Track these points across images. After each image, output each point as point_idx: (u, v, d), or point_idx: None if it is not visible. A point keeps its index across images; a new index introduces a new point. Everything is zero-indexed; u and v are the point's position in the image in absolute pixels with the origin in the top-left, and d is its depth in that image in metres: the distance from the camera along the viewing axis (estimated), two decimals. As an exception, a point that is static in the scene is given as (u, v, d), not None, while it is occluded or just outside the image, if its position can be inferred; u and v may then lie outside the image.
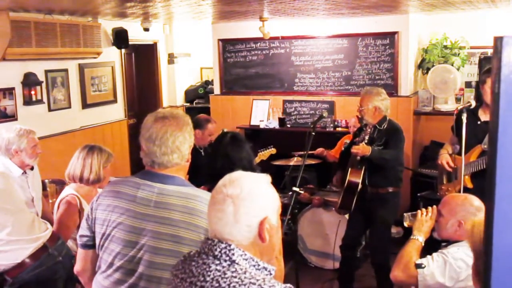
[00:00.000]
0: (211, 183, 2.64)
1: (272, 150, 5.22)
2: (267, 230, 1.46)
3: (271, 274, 1.46)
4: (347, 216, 4.80)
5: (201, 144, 4.62)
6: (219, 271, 1.40)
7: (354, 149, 4.18)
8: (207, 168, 3.02)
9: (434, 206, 2.70)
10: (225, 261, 1.42)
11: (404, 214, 2.89)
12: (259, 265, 1.45)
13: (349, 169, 4.29)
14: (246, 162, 2.73)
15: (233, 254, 1.42)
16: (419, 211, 2.73)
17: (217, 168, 2.76)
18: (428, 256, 2.51)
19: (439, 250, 2.54)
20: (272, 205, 1.50)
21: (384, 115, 4.35)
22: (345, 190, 4.31)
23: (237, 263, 1.42)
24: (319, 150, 5.71)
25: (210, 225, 1.50)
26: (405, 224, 2.83)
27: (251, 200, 1.45)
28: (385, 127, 4.32)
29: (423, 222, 2.67)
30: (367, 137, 4.21)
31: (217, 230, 1.46)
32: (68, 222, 3.32)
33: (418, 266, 2.47)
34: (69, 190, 3.40)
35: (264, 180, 1.54)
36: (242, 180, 1.48)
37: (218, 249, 1.43)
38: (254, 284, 1.37)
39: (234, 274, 1.39)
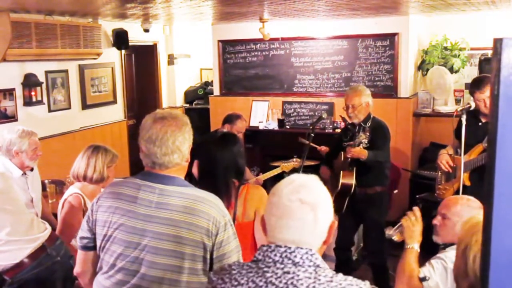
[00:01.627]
0: (200, 185, 2.64)
1: (296, 164, 5.02)
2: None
3: None
4: None
5: None
6: (309, 278, 1.36)
7: (350, 153, 4.12)
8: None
9: (415, 208, 2.66)
10: (310, 266, 1.38)
11: (386, 231, 2.75)
12: (325, 265, 1.43)
13: (341, 172, 4.27)
14: (230, 163, 2.70)
15: (316, 259, 1.39)
16: (402, 220, 2.65)
17: (201, 168, 2.74)
18: (427, 265, 2.46)
19: (437, 255, 2.51)
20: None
21: (370, 111, 4.34)
22: (338, 193, 4.29)
23: (321, 267, 1.39)
24: (324, 148, 5.59)
25: (278, 234, 1.44)
26: (396, 239, 2.71)
27: (325, 205, 1.44)
28: (369, 124, 4.28)
29: (412, 229, 2.59)
30: (365, 141, 4.11)
31: (289, 240, 1.41)
32: (73, 221, 3.33)
33: (423, 279, 2.41)
34: (73, 189, 3.42)
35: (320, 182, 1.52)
36: (313, 185, 1.46)
37: (299, 256, 1.39)
38: (352, 285, 1.38)
39: (328, 279, 1.37)
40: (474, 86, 3.88)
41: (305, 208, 1.40)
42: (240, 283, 1.42)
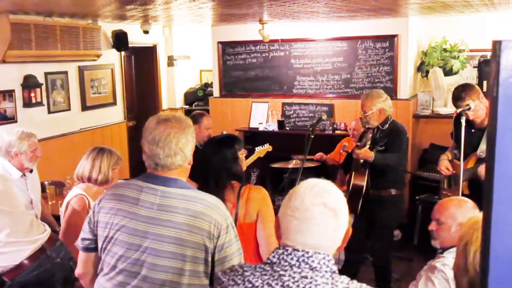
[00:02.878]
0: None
1: (269, 148, 5.26)
2: None
3: None
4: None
5: (200, 139, 4.65)
6: (327, 284, 1.36)
7: (356, 154, 4.12)
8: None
9: None
10: (326, 272, 1.38)
11: None
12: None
13: (353, 172, 4.27)
14: (221, 168, 2.71)
15: (333, 265, 1.39)
16: None
17: (195, 171, 2.76)
18: (429, 284, 2.43)
19: (436, 265, 2.48)
20: None
21: (388, 115, 4.32)
22: (350, 194, 4.28)
23: (337, 273, 1.39)
24: (318, 155, 5.71)
25: (298, 237, 1.42)
26: None
27: (345, 211, 1.44)
28: (387, 127, 4.27)
29: None
30: (369, 142, 4.13)
31: (309, 244, 1.40)
32: (77, 223, 3.32)
33: None
34: (77, 190, 3.41)
35: None
36: (332, 189, 1.46)
37: (317, 260, 1.38)
38: None
39: (344, 285, 1.37)
40: (455, 102, 3.84)
41: (328, 213, 1.40)
42: (255, 285, 1.41)
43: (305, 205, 1.41)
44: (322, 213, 1.40)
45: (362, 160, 4.20)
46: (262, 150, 5.27)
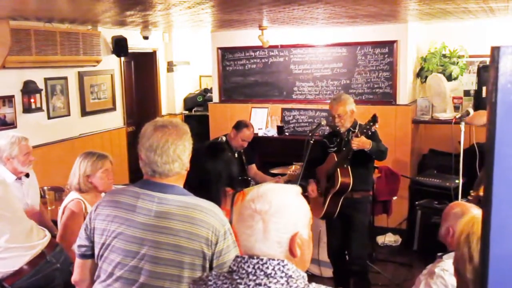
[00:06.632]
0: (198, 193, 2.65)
1: (297, 168, 5.24)
2: (298, 245, 1.41)
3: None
4: None
5: (232, 145, 4.67)
6: None
7: (355, 143, 4.02)
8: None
9: None
10: (281, 277, 1.37)
11: None
12: (301, 274, 1.42)
13: (338, 169, 4.22)
14: (224, 174, 2.71)
15: (288, 270, 1.38)
16: None
17: (193, 179, 2.75)
18: None
19: (435, 271, 2.48)
20: (303, 219, 1.46)
21: (354, 118, 4.38)
22: (334, 194, 4.26)
23: (293, 278, 1.38)
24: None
25: (243, 243, 1.45)
26: None
27: (281, 216, 1.41)
28: (358, 130, 4.31)
29: None
30: (369, 129, 4.02)
31: (246, 247, 1.42)
32: (73, 227, 3.31)
33: None
34: (74, 195, 3.40)
35: (293, 192, 1.49)
36: (270, 194, 1.44)
37: (271, 267, 1.38)
38: None
39: None
40: None
41: (256, 216, 1.40)
42: None
43: (239, 208, 1.46)
44: (250, 216, 1.42)
45: (343, 161, 4.17)
46: (292, 173, 5.28)
